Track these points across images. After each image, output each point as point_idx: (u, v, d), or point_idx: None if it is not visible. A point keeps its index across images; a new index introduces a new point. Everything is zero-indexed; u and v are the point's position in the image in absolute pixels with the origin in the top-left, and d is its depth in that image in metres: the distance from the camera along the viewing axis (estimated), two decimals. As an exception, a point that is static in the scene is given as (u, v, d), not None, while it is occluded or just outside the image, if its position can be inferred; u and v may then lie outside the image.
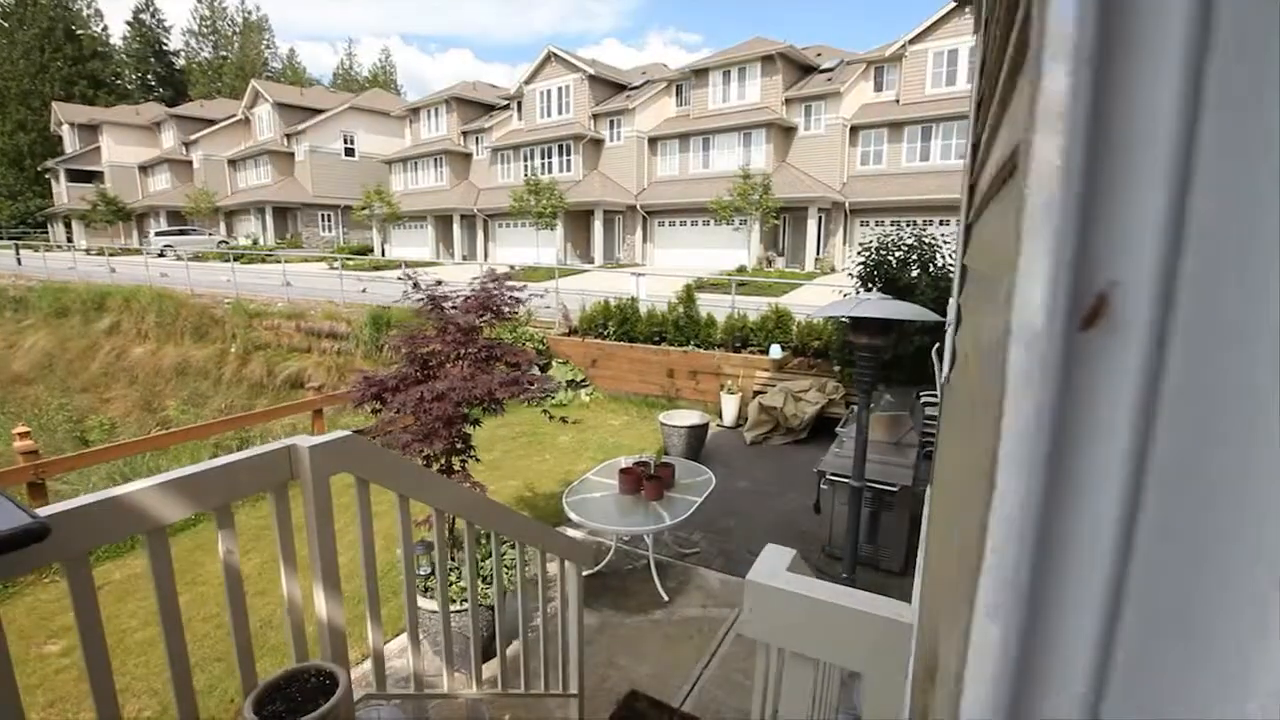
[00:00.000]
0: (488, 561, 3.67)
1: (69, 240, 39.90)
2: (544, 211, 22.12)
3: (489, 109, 30.87)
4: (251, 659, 1.71)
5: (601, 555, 4.86)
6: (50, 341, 15.58)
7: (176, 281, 16.75)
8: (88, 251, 30.64)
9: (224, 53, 62.61)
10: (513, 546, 3.67)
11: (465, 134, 30.03)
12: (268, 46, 64.80)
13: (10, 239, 36.33)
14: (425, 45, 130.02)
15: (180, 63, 61.13)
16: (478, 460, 3.72)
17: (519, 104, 28.49)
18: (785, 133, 22.02)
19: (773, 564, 1.06)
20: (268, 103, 35.93)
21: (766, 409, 7.51)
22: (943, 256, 6.55)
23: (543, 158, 26.31)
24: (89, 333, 15.19)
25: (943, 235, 6.84)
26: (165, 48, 60.25)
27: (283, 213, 34.10)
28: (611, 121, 25.26)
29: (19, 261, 23.61)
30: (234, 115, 38.95)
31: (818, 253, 20.91)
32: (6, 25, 49.77)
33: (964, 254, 2.08)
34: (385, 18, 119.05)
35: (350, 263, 21.91)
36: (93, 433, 11.24)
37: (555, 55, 26.28)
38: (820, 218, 20.79)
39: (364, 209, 27.61)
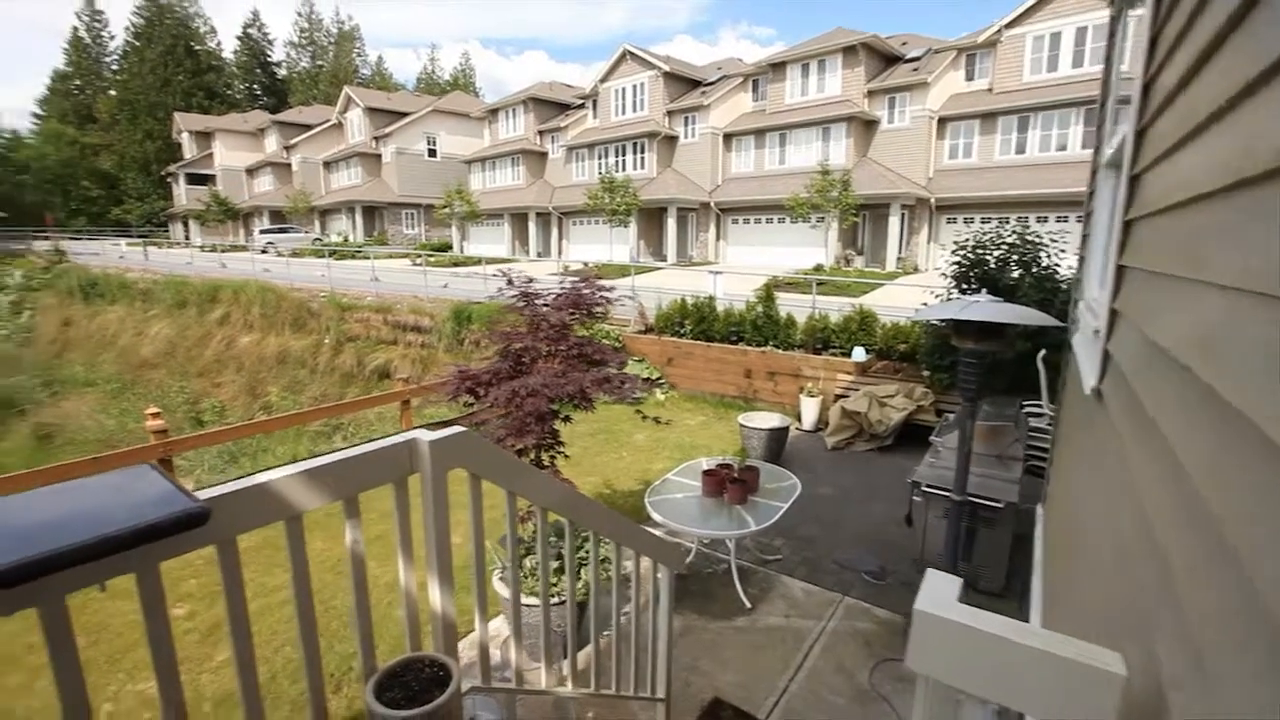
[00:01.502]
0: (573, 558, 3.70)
1: (186, 238, 43.73)
2: (617, 209, 22.29)
3: (564, 108, 31.42)
4: (372, 644, 1.75)
5: (682, 557, 4.80)
6: (171, 330, 17.11)
7: (278, 276, 17.99)
8: (201, 248, 33.47)
9: (320, 62, 66.73)
10: (601, 544, 3.68)
11: (541, 133, 30.69)
12: (358, 54, 68.62)
13: (139, 237, 40.25)
14: (503, 48, 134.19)
15: (282, 72, 65.67)
16: (566, 457, 3.74)
17: (594, 102, 28.84)
18: (867, 126, 21.22)
19: (942, 593, 0.97)
20: (358, 107, 38.03)
21: (850, 414, 7.23)
22: (1048, 256, 6.07)
23: (617, 155, 26.52)
24: (203, 323, 16.56)
25: (1049, 234, 6.33)
26: (269, 59, 64.92)
27: (371, 211, 36.03)
28: (686, 118, 25.14)
29: (146, 257, 26.06)
30: (328, 120, 41.49)
31: (900, 252, 20.04)
32: (138, 44, 55.04)
33: (1121, 254, 1.87)
34: (465, 23, 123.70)
35: (431, 259, 22.88)
36: (206, 414, 12.25)
37: (630, 53, 26.41)
38: (903, 215, 19.91)
39: (445, 207, 28.75)
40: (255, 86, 63.16)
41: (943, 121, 20.25)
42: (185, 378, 14.91)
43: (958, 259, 6.30)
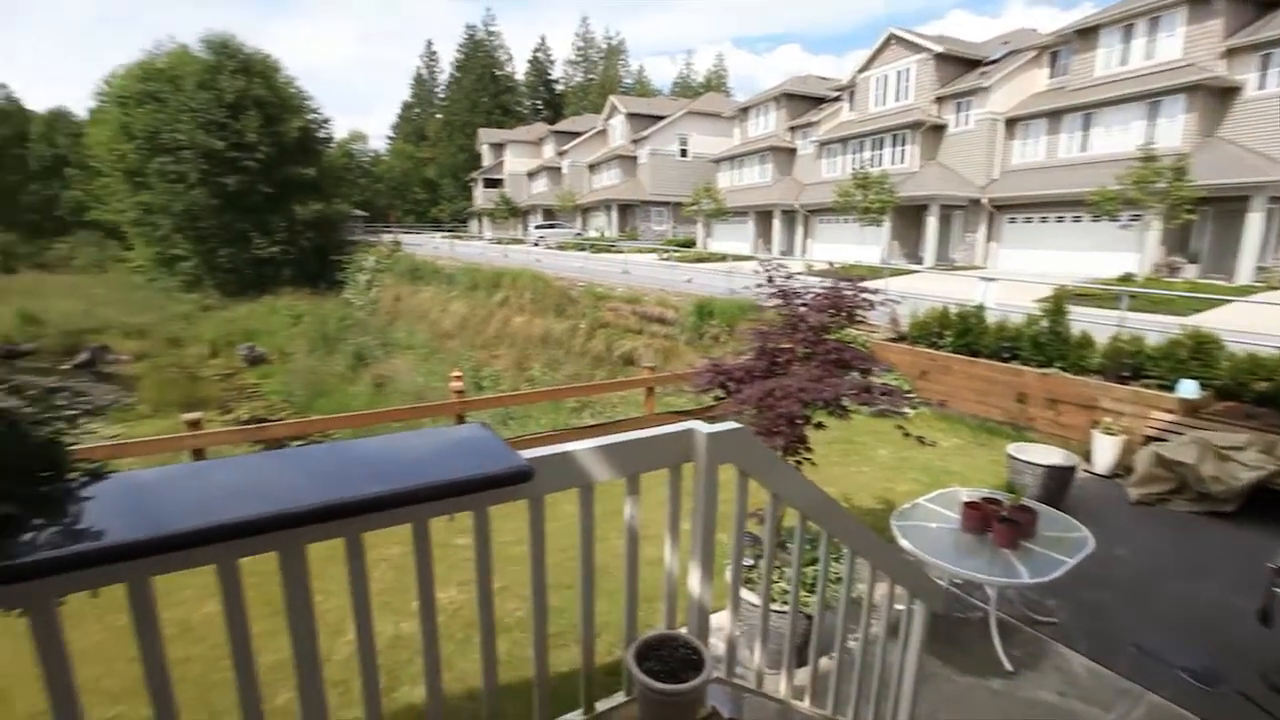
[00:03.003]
0: (809, 569, 3.54)
1: (480, 232, 52.50)
2: (870, 206, 20.84)
3: (818, 102, 30.38)
4: (635, 614, 1.85)
5: (942, 594, 4.31)
6: (464, 309, 20.69)
7: (546, 266, 20.56)
8: (489, 241, 39.88)
9: (591, 75, 74.31)
10: (838, 559, 3.45)
11: (792, 129, 30.12)
12: (623, 65, 74.89)
13: (448, 231, 49.53)
14: (754, 46, 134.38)
15: (559, 87, 74.65)
16: (814, 464, 3.58)
17: (850, 94, 27.35)
18: (1219, 97, 16.60)
19: None
20: (620, 114, 41.57)
21: (1168, 463, 5.74)
22: None
23: (873, 149, 24.81)
24: (488, 304, 19.70)
25: None
26: (550, 76, 74.27)
27: (625, 209, 39.25)
28: (958, 104, 22.45)
29: (451, 248, 31.92)
30: (594, 127, 46.13)
31: (1262, 259, 15.32)
32: (458, 75, 67.49)
33: None
34: (718, 26, 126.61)
35: (677, 254, 24.01)
36: (485, 381, 14.57)
37: (896, 37, 24.42)
38: (1265, 212, 15.18)
39: (692, 205, 29.96)
40: (538, 102, 72.79)
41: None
42: (471, 349, 17.94)
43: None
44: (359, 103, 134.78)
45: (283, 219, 32.99)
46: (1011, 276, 14.53)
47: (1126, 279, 15.19)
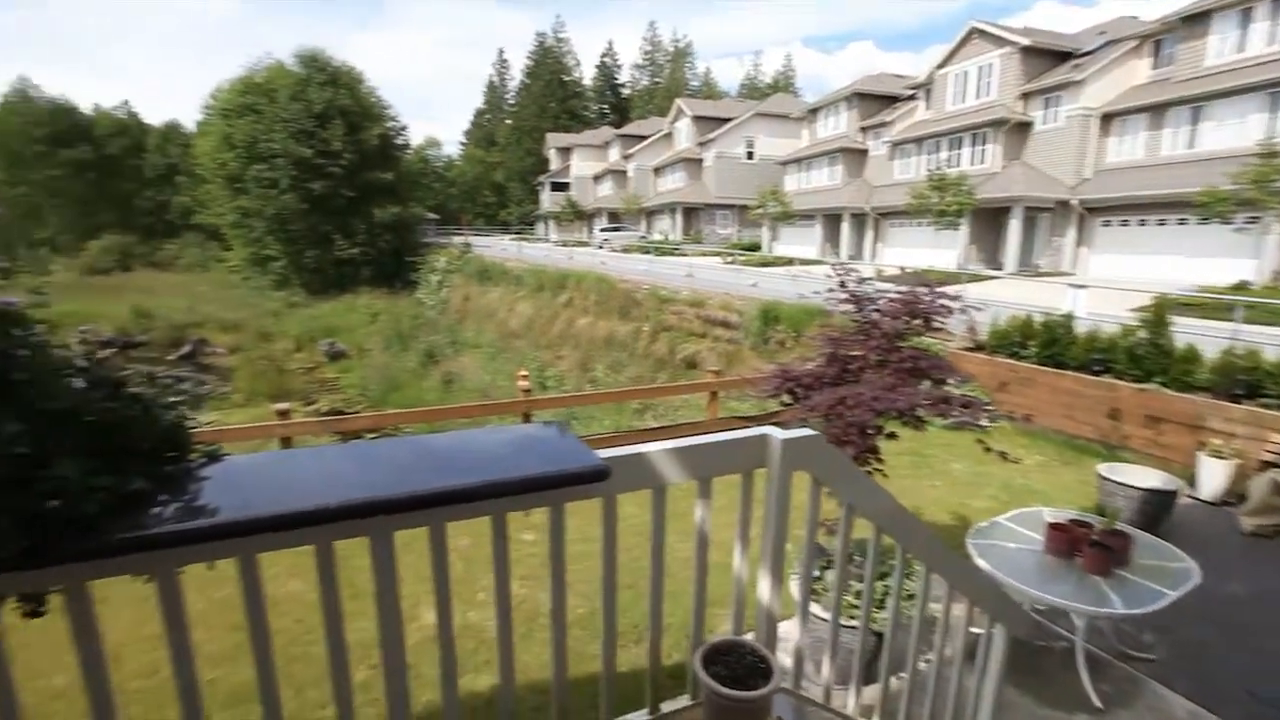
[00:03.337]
0: (879, 583, 3.41)
1: (546, 234, 53.66)
2: (946, 209, 19.94)
3: (891, 101, 29.37)
4: (703, 618, 1.84)
5: (1027, 619, 4.07)
6: (530, 309, 21.18)
7: (611, 269, 20.77)
8: (554, 243, 40.68)
9: (657, 79, 74.63)
10: (912, 576, 3.30)
11: (864, 129, 29.24)
12: (689, 68, 74.82)
13: (515, 233, 50.93)
14: (824, 44, 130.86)
15: (626, 91, 75.33)
16: (885, 475, 3.45)
17: (927, 92, 26.30)
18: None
19: None
20: (687, 116, 41.52)
21: (1288, 489, 5.20)
22: None
23: (950, 149, 23.74)
24: (553, 305, 20.10)
25: None
26: (616, 81, 75.06)
27: (689, 212, 39.17)
28: (1046, 100, 21.18)
29: (519, 250, 32.78)
30: (660, 130, 46.29)
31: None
32: (528, 82, 69.28)
33: None
34: (787, 25, 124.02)
35: (741, 258, 23.75)
36: (549, 381, 14.85)
37: (979, 31, 23.29)
38: None
39: (758, 208, 29.56)
40: (605, 106, 73.69)
41: None
42: (537, 348, 18.34)
43: None
44: (434, 110, 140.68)
45: (362, 221, 34.82)
46: (1104, 283, 13.54)
47: (1240, 287, 13.88)
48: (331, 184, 33.51)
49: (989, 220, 21.82)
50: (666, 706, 1.82)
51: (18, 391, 0.84)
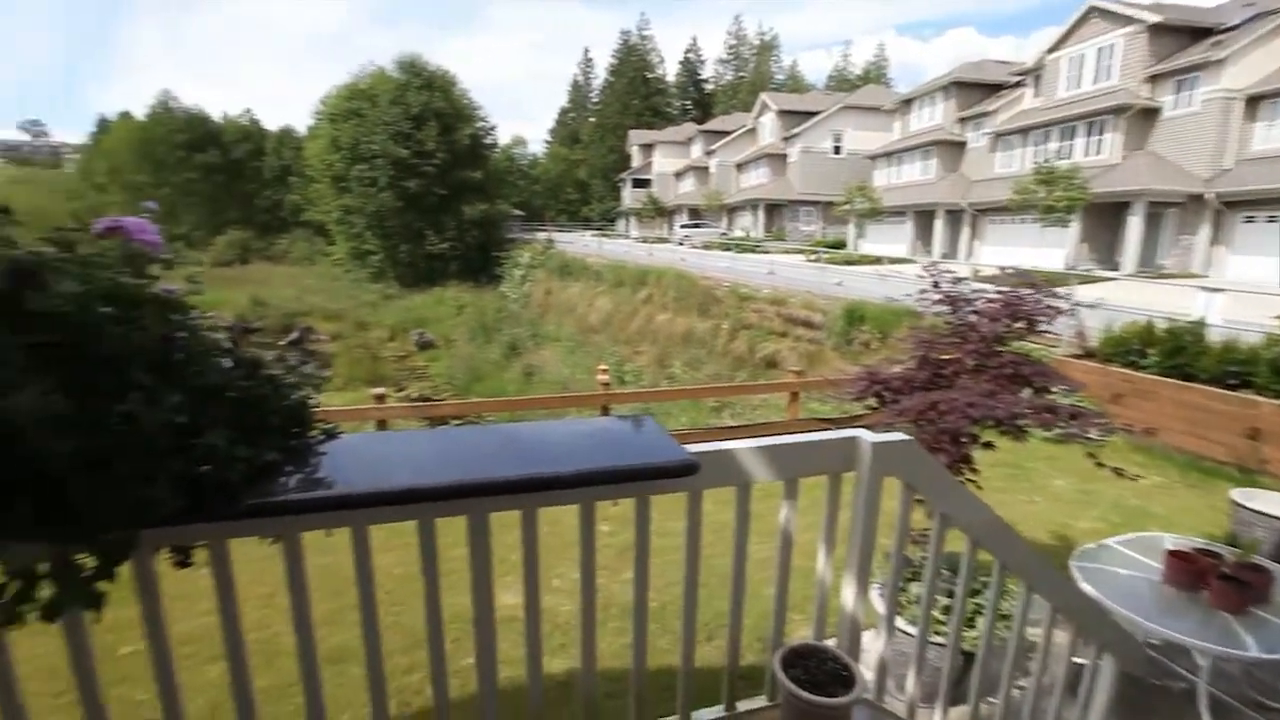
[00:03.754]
0: (970, 601, 3.22)
1: (626, 231, 54.21)
2: (1055, 204, 18.44)
3: (994, 89, 27.52)
4: (784, 620, 1.81)
5: (1142, 652, 3.74)
6: (610, 304, 21.49)
7: (691, 266, 20.70)
8: (635, 239, 41.01)
9: (742, 74, 73.49)
10: (1008, 595, 3.10)
11: (962, 120, 27.57)
12: (774, 62, 73.16)
13: (596, 230, 51.82)
14: (920, 32, 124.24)
15: (709, 87, 74.66)
16: (979, 486, 3.25)
17: (1036, 78, 24.45)
18: None
19: None
20: (771, 111, 40.64)
21: None
22: None
23: (1061, 139, 21.96)
24: (632, 300, 20.29)
25: None
26: (700, 77, 74.52)
27: (772, 208, 38.39)
28: (1178, 83, 19.17)
29: (600, 246, 33.31)
30: (744, 126, 45.57)
31: None
32: (612, 80, 70.11)
33: None
34: (880, 13, 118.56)
35: (825, 256, 23.03)
36: (627, 376, 15.01)
37: (1098, 9, 21.36)
38: None
39: (845, 204, 28.53)
40: (687, 102, 73.39)
41: None
42: (615, 344, 18.58)
43: None
44: (522, 110, 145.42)
45: (452, 218, 36.56)
46: (1245, 287, 12.10)
47: None
48: (425, 182, 35.37)
49: (1105, 216, 20.00)
50: (742, 705, 1.81)
51: (178, 369, 0.94)
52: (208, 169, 53.80)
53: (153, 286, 0.96)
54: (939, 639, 3.11)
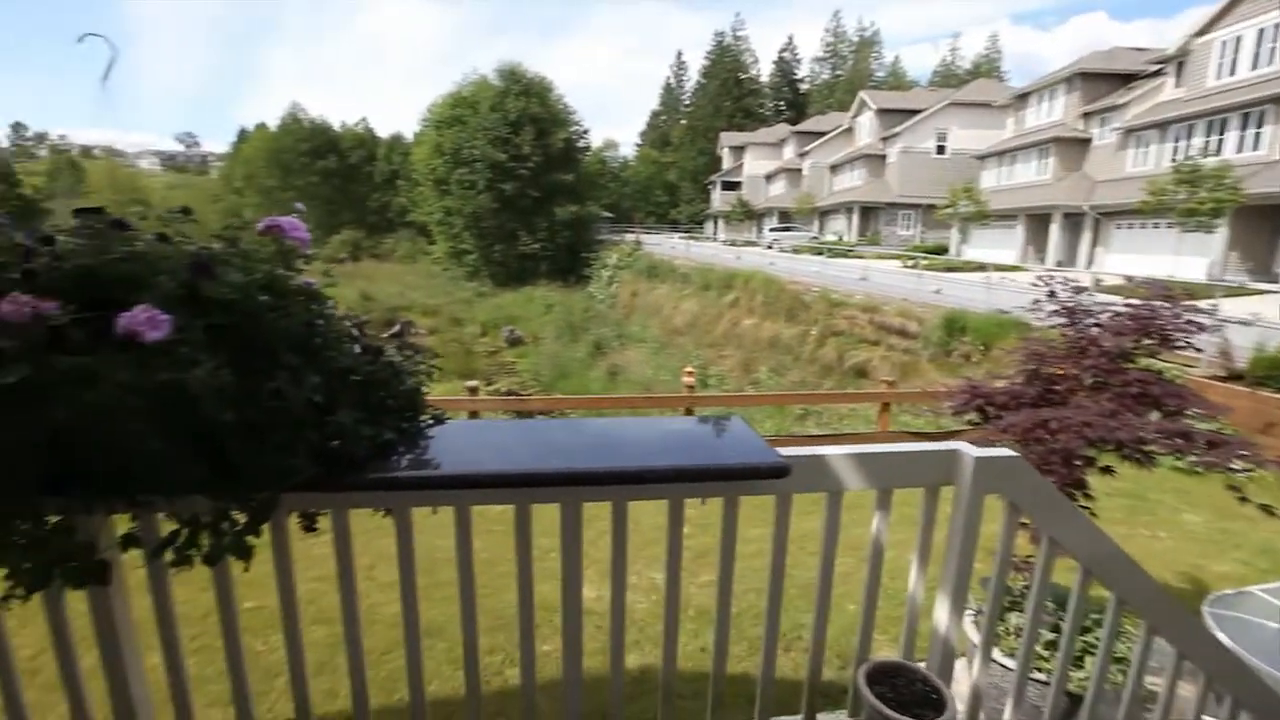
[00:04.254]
0: (1081, 638, 2.96)
1: (715, 234, 53.90)
2: (1198, 207, 16.49)
3: (1126, 80, 25.03)
4: (871, 634, 1.75)
5: None
6: (695, 307, 21.44)
7: (779, 270, 20.29)
8: (722, 243, 40.68)
9: (839, 72, 71.10)
10: (1123, 636, 2.84)
11: (1086, 115, 25.30)
12: (875, 58, 70.22)
13: (684, 232, 51.91)
14: (1040, 20, 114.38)
15: (804, 86, 72.76)
16: (1093, 515, 2.99)
17: (1179, 65, 22.01)
18: None
19: None
20: (870, 110, 39.05)
21: None
22: None
23: (1209, 134, 19.67)
24: (718, 304, 20.14)
25: None
26: (794, 76, 72.76)
27: (868, 211, 36.89)
28: (1364, 67, 16.66)
29: (687, 249, 33.32)
30: (840, 126, 44.07)
31: None
32: (704, 82, 69.91)
33: None
34: (993, 2, 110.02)
35: (924, 262, 21.86)
36: (711, 379, 14.92)
37: (1261, -13, 18.92)
38: None
39: (947, 207, 26.90)
40: (781, 103, 71.90)
41: None
42: (700, 346, 18.52)
43: None
44: (614, 114, 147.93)
45: (544, 219, 37.86)
46: None
47: None
48: (520, 185, 36.86)
49: (1260, 220, 17.68)
50: (822, 717, 1.77)
51: (316, 353, 1.05)
52: (326, 173, 58.72)
53: (297, 279, 1.08)
54: (1040, 675, 2.89)
